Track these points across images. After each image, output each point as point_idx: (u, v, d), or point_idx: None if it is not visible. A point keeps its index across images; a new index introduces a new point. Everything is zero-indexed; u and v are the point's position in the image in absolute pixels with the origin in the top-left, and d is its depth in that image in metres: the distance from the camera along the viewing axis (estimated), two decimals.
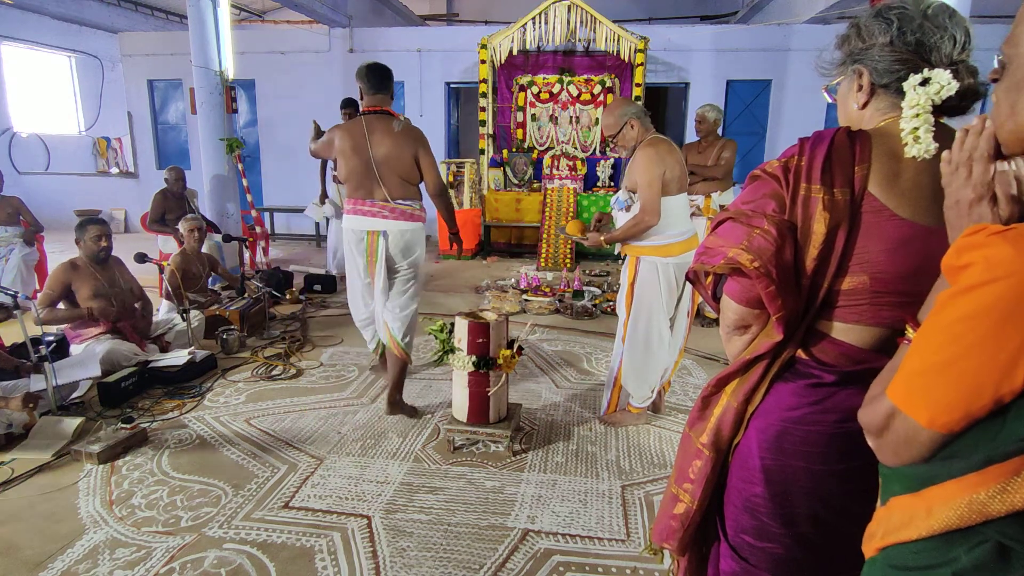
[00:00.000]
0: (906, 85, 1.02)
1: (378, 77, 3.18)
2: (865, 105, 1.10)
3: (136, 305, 3.96)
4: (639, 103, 3.53)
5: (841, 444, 1.06)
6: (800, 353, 1.10)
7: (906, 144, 1.00)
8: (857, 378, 1.04)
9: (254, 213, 6.97)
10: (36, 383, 3.22)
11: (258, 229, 6.97)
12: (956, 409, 0.70)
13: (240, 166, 6.38)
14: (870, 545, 0.86)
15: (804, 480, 1.09)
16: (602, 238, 3.04)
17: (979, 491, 0.71)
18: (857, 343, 1.06)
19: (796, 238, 1.04)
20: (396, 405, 3.29)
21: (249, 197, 6.81)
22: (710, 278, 1.19)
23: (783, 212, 1.06)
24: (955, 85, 0.99)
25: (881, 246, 1.01)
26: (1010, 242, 0.67)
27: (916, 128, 1.00)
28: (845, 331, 1.06)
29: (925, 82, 1.00)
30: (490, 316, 2.87)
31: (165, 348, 3.99)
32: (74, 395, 3.30)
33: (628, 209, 2.91)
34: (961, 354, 0.69)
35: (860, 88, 1.09)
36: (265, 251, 7.14)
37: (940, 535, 0.75)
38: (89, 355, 3.48)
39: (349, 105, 5.35)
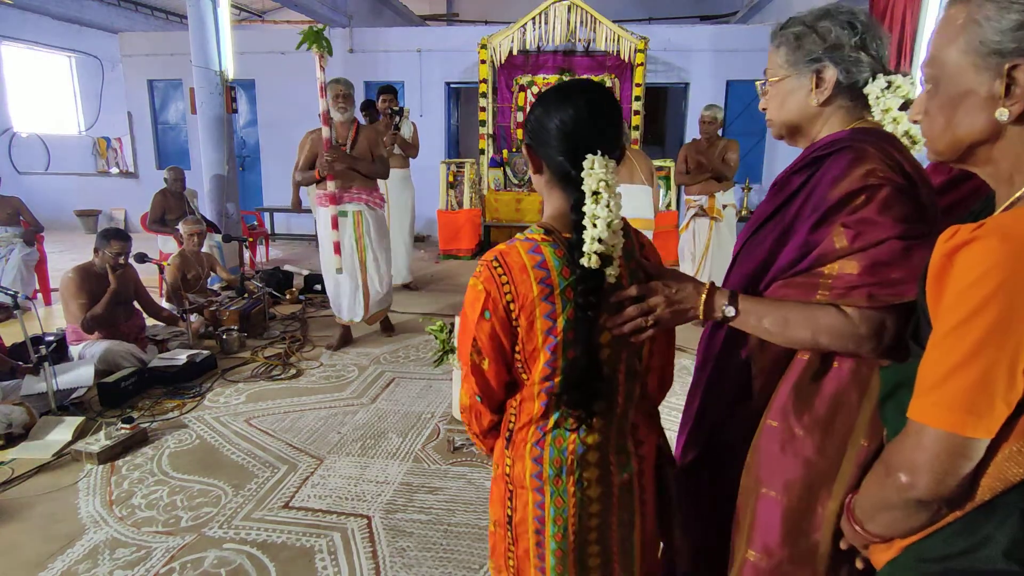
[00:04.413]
0: (873, 89, 1.07)
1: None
2: (826, 102, 1.12)
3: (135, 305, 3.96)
4: None
5: None
6: None
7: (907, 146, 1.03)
8: None
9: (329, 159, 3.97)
10: (29, 385, 3.22)
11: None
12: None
13: (322, 65, 3.98)
14: (891, 548, 0.84)
15: None
16: None
17: (998, 454, 0.71)
18: None
19: None
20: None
21: (328, 129, 4.00)
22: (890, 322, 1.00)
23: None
24: (916, 89, 1.03)
25: None
26: (992, 234, 0.68)
27: (908, 131, 1.03)
28: None
29: (888, 86, 1.06)
30: None
31: (164, 350, 3.98)
32: (74, 395, 3.30)
33: None
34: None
35: (818, 86, 1.11)
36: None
37: (963, 517, 0.75)
38: (83, 364, 3.49)
39: (368, 107, 5.77)
